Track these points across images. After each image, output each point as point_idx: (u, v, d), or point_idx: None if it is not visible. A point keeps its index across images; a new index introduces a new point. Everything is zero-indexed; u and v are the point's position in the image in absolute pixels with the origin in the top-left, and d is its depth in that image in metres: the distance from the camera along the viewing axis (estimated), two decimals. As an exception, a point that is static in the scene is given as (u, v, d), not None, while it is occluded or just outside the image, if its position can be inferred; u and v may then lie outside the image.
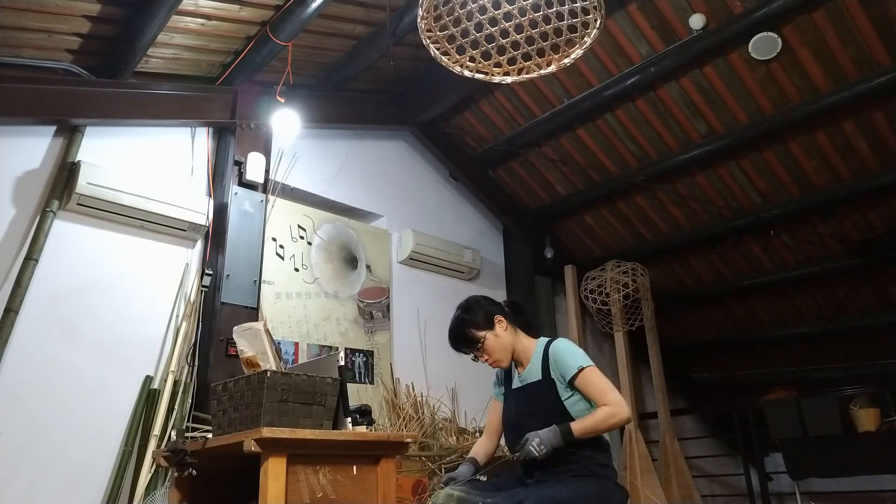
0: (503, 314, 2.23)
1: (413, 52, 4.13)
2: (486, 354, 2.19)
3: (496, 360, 2.20)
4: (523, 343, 2.23)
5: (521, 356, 2.22)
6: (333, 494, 2.02)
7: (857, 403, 4.17)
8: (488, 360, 2.20)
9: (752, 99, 4.06)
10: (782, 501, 5.66)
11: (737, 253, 5.15)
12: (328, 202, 4.31)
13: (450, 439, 3.96)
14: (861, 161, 4.18)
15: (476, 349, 2.18)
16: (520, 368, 2.25)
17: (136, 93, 3.45)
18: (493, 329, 2.19)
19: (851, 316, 5.12)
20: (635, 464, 4.65)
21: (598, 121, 4.54)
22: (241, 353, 2.31)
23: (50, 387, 2.92)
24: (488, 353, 2.18)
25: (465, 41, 2.24)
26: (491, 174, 5.31)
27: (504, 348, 2.19)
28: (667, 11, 3.75)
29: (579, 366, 2.06)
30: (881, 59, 3.63)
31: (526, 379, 2.20)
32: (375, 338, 4.21)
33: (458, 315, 2.23)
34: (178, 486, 2.31)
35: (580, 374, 2.05)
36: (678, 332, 6.04)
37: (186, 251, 3.55)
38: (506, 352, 2.19)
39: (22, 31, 3.02)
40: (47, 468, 2.83)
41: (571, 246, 5.71)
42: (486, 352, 2.18)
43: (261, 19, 3.44)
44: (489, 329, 2.18)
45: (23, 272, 2.90)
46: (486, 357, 2.19)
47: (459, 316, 2.22)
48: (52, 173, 3.16)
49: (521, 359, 2.23)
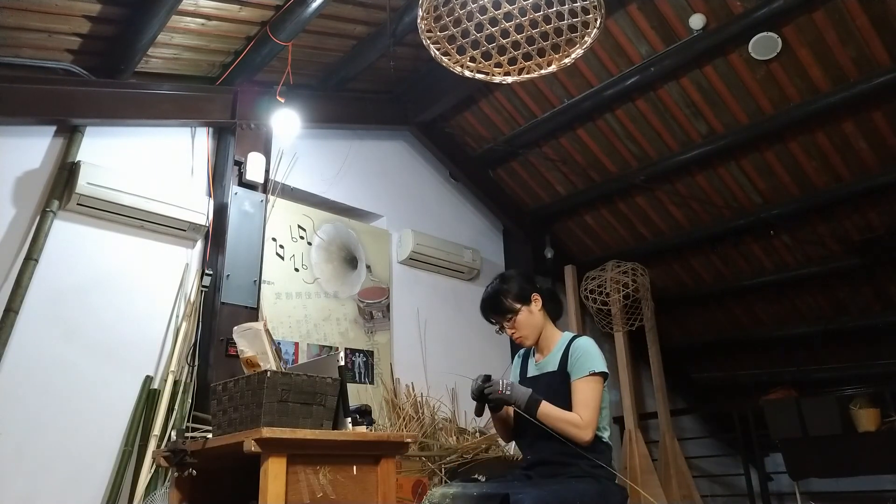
0: (541, 295, 2.22)
1: (413, 52, 4.13)
2: (515, 328, 2.17)
3: (523, 335, 2.18)
4: (550, 330, 2.22)
5: (544, 343, 2.21)
6: (333, 494, 2.02)
7: (857, 403, 4.17)
8: (515, 333, 2.18)
9: (752, 99, 4.06)
10: (782, 501, 5.66)
11: (737, 253, 5.15)
12: (328, 202, 4.31)
13: (450, 439, 3.96)
14: (861, 161, 4.18)
15: (507, 319, 2.17)
16: (538, 356, 2.24)
17: (136, 93, 3.45)
18: (529, 305, 2.18)
19: (851, 316, 5.12)
20: (635, 464, 4.65)
21: (598, 121, 4.54)
22: (241, 353, 2.31)
23: (50, 387, 2.92)
24: (517, 326, 2.17)
25: (466, 41, 2.24)
26: (491, 174, 5.31)
27: (534, 326, 2.18)
28: (667, 11, 3.75)
29: (591, 370, 2.05)
30: (881, 59, 3.63)
31: (543, 367, 2.19)
32: (375, 338, 4.21)
33: (497, 283, 2.21)
34: (178, 486, 2.31)
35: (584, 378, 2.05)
36: (678, 332, 6.04)
37: (186, 251, 3.55)
38: (534, 330, 2.18)
39: (22, 31, 3.02)
40: (47, 468, 2.83)
41: (571, 246, 5.71)
42: (515, 325, 2.17)
43: (261, 19, 3.44)
44: (525, 304, 2.18)
45: (23, 272, 2.90)
46: (513, 330, 2.18)
47: (498, 284, 2.21)
48: (52, 173, 3.16)
49: (543, 345, 2.22)
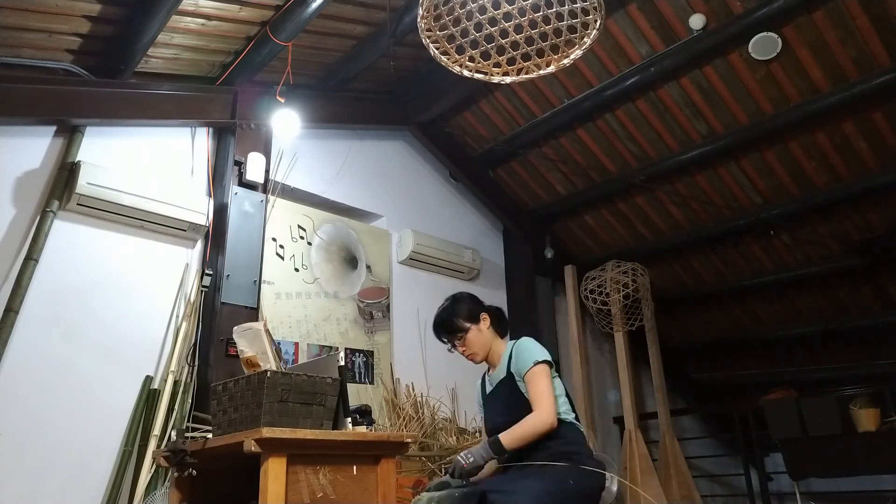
0: (489, 313, 2.35)
1: (413, 52, 4.13)
2: (465, 346, 2.30)
3: (472, 353, 2.30)
4: (498, 345, 2.34)
5: (495, 357, 2.33)
6: (333, 494, 2.02)
7: (857, 403, 4.17)
8: (465, 351, 2.31)
9: (752, 99, 4.06)
10: (782, 501, 5.66)
11: (737, 253, 5.15)
12: (328, 202, 4.30)
13: (450, 439, 3.96)
14: (861, 161, 4.18)
15: (457, 338, 2.29)
16: (491, 370, 2.35)
17: (136, 93, 3.45)
18: (478, 324, 2.31)
19: (851, 316, 5.12)
20: (635, 464, 4.65)
21: (598, 121, 4.54)
22: (241, 353, 2.31)
23: (50, 387, 2.92)
24: (467, 345, 2.29)
25: (465, 41, 2.24)
26: (491, 174, 5.31)
27: (483, 344, 2.30)
28: (667, 11, 3.75)
29: (534, 360, 2.15)
30: (881, 59, 3.63)
31: (495, 379, 2.30)
32: (375, 338, 4.21)
33: (447, 304, 2.35)
34: (178, 486, 2.31)
35: (530, 371, 2.14)
36: (678, 332, 6.04)
37: (186, 251, 3.55)
38: (483, 348, 2.31)
39: (22, 31, 3.02)
40: (47, 468, 2.83)
41: (571, 246, 5.71)
42: (465, 343, 2.29)
43: (261, 19, 3.44)
44: (474, 323, 2.30)
45: (23, 272, 2.90)
46: (463, 348, 2.30)
47: (448, 305, 2.35)
48: (52, 173, 3.16)
49: (493, 361, 2.33)
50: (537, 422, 2.06)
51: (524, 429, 2.06)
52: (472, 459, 2.04)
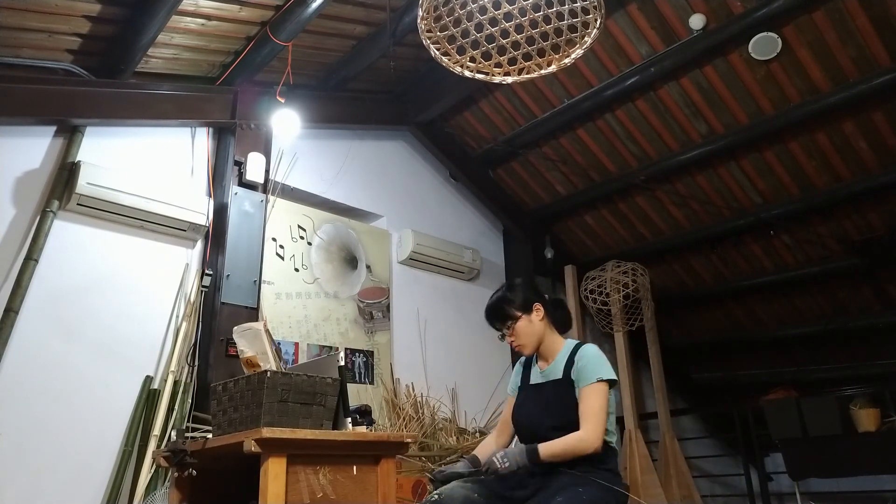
0: (543, 305, 2.24)
1: (413, 52, 4.13)
2: (514, 335, 2.20)
3: (521, 343, 2.20)
4: (553, 339, 2.23)
5: (548, 351, 2.22)
6: (333, 495, 2.02)
7: (857, 403, 4.17)
8: (514, 341, 2.21)
9: (752, 99, 4.06)
10: (782, 501, 5.65)
11: (737, 253, 5.15)
12: (328, 202, 4.30)
13: (450, 439, 3.96)
14: (861, 161, 4.18)
15: (507, 327, 2.20)
16: (542, 363, 2.25)
17: (136, 93, 3.45)
18: (530, 314, 2.20)
19: (851, 316, 5.12)
20: (635, 464, 4.65)
21: (598, 121, 4.54)
22: (241, 353, 2.31)
23: (50, 387, 2.92)
24: (516, 334, 2.19)
25: (466, 41, 2.24)
26: (491, 174, 5.31)
27: (533, 335, 2.19)
28: (667, 11, 3.75)
29: (598, 377, 2.05)
30: (881, 59, 3.63)
31: (548, 376, 2.20)
32: (375, 338, 4.21)
33: (503, 291, 2.26)
34: (178, 487, 2.31)
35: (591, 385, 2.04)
36: (678, 332, 6.04)
37: (186, 251, 3.55)
38: (533, 339, 2.20)
39: (22, 31, 3.02)
40: (47, 468, 2.83)
41: (571, 246, 5.71)
42: (515, 333, 2.19)
43: (261, 19, 3.44)
44: (526, 312, 2.20)
45: (23, 272, 2.90)
46: (512, 338, 2.21)
47: (503, 292, 2.25)
48: (52, 173, 3.16)
49: (546, 354, 2.23)
50: (581, 442, 1.97)
51: (566, 445, 1.97)
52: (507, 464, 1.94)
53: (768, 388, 5.03)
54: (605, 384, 2.05)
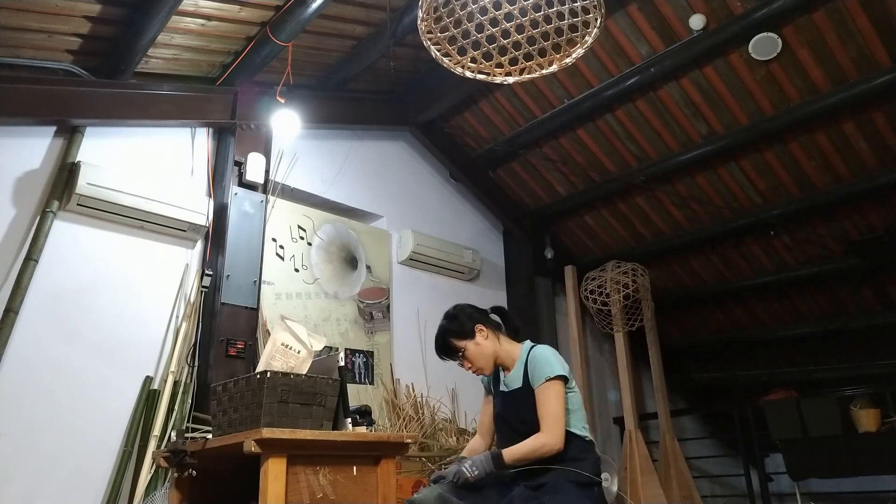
0: (485, 322, 2.27)
1: (413, 52, 4.13)
2: (469, 362, 2.24)
3: (478, 367, 2.25)
4: (507, 349, 2.26)
5: (506, 361, 2.26)
6: (333, 495, 2.02)
7: (857, 404, 4.17)
8: (471, 368, 2.26)
9: (752, 99, 4.06)
10: (782, 502, 5.65)
11: (737, 253, 5.15)
12: (328, 202, 4.30)
13: (450, 440, 3.96)
14: (861, 161, 4.18)
15: (459, 357, 2.24)
16: (505, 372, 2.28)
17: (136, 93, 3.45)
18: (475, 338, 2.23)
19: (851, 316, 5.12)
20: (635, 464, 4.64)
21: (599, 121, 4.54)
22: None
23: (50, 387, 2.92)
24: (471, 361, 2.24)
25: (466, 42, 2.23)
26: (491, 174, 5.31)
27: (485, 356, 2.23)
28: (667, 11, 3.75)
29: (546, 375, 2.09)
30: (881, 59, 3.63)
31: (509, 384, 2.24)
32: (375, 338, 4.21)
33: (442, 325, 2.28)
34: (178, 487, 2.31)
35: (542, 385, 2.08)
36: (678, 333, 6.03)
37: (186, 251, 3.55)
38: (487, 360, 2.24)
39: (22, 31, 3.02)
40: (47, 469, 2.82)
41: (571, 246, 5.71)
42: (468, 360, 2.24)
43: (261, 20, 3.44)
44: (470, 338, 2.23)
45: (23, 272, 2.90)
46: (469, 365, 2.25)
47: (443, 325, 2.28)
48: (52, 173, 3.16)
49: (506, 363, 2.27)
50: (541, 445, 2.00)
51: (527, 449, 2.01)
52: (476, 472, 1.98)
53: (768, 389, 5.03)
54: (556, 381, 2.08)
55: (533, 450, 2.01)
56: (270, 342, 2.28)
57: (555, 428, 2.02)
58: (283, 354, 2.25)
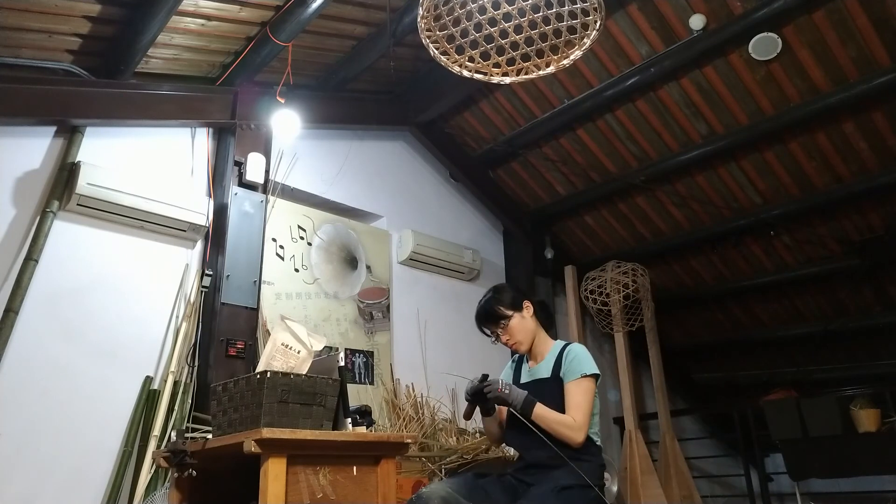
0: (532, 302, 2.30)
1: (413, 52, 4.13)
2: (509, 334, 2.24)
3: (517, 341, 2.24)
4: (543, 337, 2.29)
5: (537, 350, 2.27)
6: (333, 495, 2.02)
7: (857, 404, 4.17)
8: (509, 340, 2.25)
9: (752, 99, 4.06)
10: (783, 502, 5.66)
11: (737, 253, 5.15)
12: (328, 202, 4.30)
13: (450, 440, 3.96)
14: (861, 161, 4.18)
15: (500, 327, 2.24)
16: (531, 362, 2.30)
17: (136, 93, 3.45)
18: (521, 311, 2.25)
19: (851, 317, 5.12)
20: (635, 464, 4.64)
21: (599, 121, 4.54)
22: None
23: (50, 387, 2.92)
24: (511, 332, 2.23)
25: (465, 41, 2.24)
26: (491, 174, 5.31)
27: (527, 332, 2.25)
28: (667, 12, 3.75)
29: (582, 372, 2.11)
30: (881, 59, 3.63)
31: (535, 374, 2.24)
32: (375, 338, 4.21)
33: (489, 294, 2.30)
34: (178, 487, 2.31)
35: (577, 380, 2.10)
36: (678, 333, 6.03)
37: (186, 252, 3.55)
38: (528, 335, 2.25)
39: (22, 31, 3.02)
40: (47, 469, 2.82)
41: (571, 246, 5.71)
42: (509, 331, 2.23)
43: (261, 20, 3.44)
44: (517, 310, 2.25)
45: (23, 272, 2.90)
46: (507, 337, 2.24)
47: (491, 295, 2.29)
48: (52, 174, 3.16)
49: (535, 352, 2.28)
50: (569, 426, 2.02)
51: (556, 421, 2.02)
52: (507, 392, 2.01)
53: (768, 389, 5.03)
54: (590, 379, 2.11)
55: (561, 423, 2.03)
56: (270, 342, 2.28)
57: (581, 419, 2.04)
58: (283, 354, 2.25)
